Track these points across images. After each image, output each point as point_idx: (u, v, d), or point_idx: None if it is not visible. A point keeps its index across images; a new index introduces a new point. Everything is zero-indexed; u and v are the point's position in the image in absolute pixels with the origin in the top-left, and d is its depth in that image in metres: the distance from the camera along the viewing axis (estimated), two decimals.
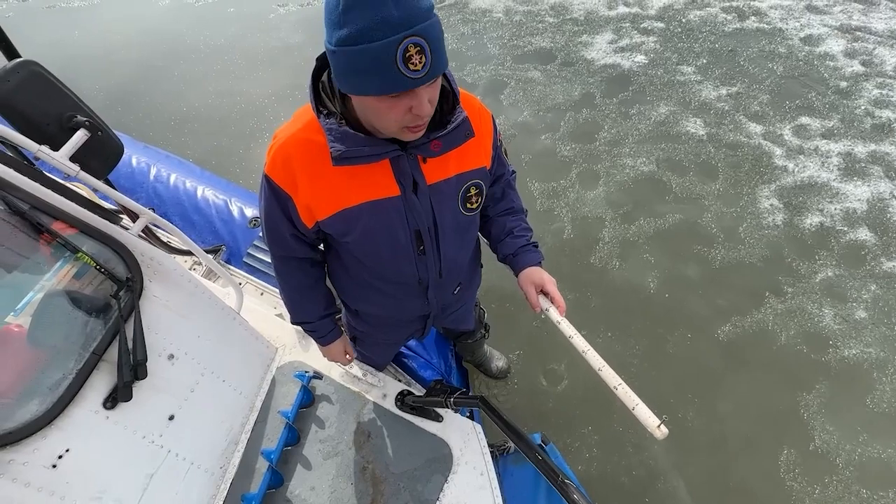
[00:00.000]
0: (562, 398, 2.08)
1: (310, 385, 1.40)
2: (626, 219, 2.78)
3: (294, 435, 1.31)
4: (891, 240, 2.63)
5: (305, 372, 1.41)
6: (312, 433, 1.33)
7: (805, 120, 3.37)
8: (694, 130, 3.33)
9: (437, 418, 1.33)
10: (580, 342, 0.95)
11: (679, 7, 4.62)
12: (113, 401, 0.94)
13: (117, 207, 1.40)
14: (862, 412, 2.02)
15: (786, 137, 3.25)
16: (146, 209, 1.14)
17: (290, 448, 1.31)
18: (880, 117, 3.36)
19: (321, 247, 1.08)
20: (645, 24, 4.41)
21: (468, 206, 0.97)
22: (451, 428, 1.32)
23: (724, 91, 3.64)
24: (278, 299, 1.66)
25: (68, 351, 0.90)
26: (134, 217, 1.17)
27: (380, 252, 0.95)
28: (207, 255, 1.39)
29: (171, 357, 1.07)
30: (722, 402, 2.05)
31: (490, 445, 1.34)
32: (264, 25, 4.73)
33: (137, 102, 3.85)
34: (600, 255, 2.61)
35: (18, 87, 0.88)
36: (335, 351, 1.23)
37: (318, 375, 1.43)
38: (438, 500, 1.21)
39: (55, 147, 0.91)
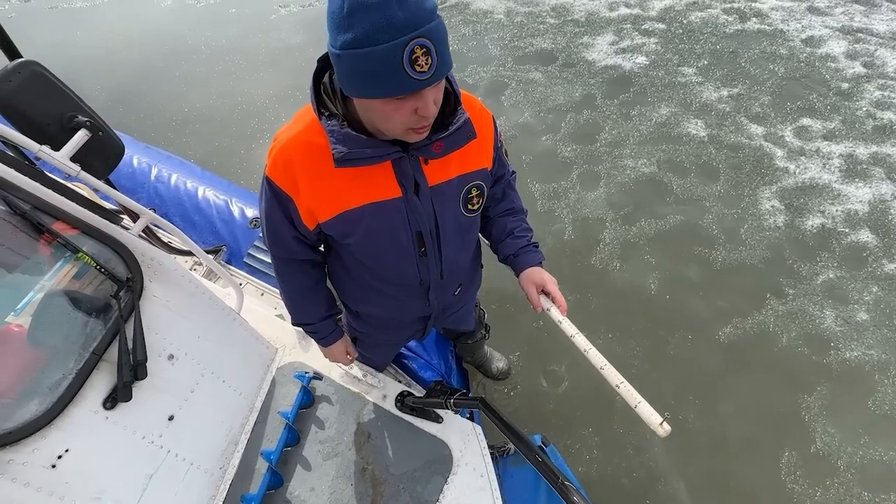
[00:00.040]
0: (562, 399, 2.07)
1: (310, 386, 1.40)
2: (626, 220, 2.78)
3: (294, 436, 1.31)
4: (892, 241, 2.62)
5: (305, 373, 1.41)
6: (312, 434, 1.33)
7: (806, 121, 3.37)
8: (695, 132, 3.33)
9: (437, 419, 1.33)
10: (582, 341, 0.95)
11: (680, 8, 4.63)
12: (113, 401, 0.94)
13: (118, 207, 1.40)
14: (863, 414, 2.01)
15: (787, 139, 3.24)
16: (147, 209, 1.14)
17: (290, 449, 1.31)
18: (882, 119, 3.35)
19: (322, 248, 1.08)
20: (646, 25, 4.41)
21: (469, 207, 0.97)
22: (451, 429, 1.32)
23: (725, 92, 3.63)
24: (279, 300, 1.66)
25: (68, 351, 0.90)
26: (134, 217, 1.17)
27: (381, 254, 0.95)
28: (208, 256, 1.39)
29: (171, 357, 1.07)
30: (723, 404, 2.05)
31: (490, 447, 1.34)
32: (266, 26, 4.75)
33: (139, 103, 3.86)
34: (601, 257, 2.61)
35: (20, 88, 0.89)
36: (336, 351, 1.23)
37: (318, 376, 1.43)
38: (438, 501, 1.20)
39: (56, 147, 0.91)
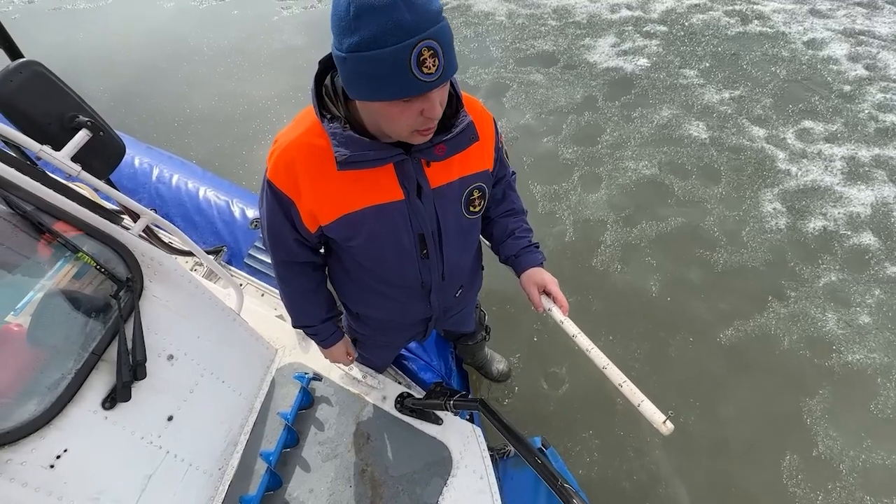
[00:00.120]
0: (563, 402, 2.07)
1: (309, 387, 1.39)
2: (627, 222, 2.77)
3: (293, 437, 1.31)
4: (895, 244, 2.61)
5: (305, 373, 1.41)
6: (311, 435, 1.33)
7: (808, 124, 3.36)
8: (696, 134, 3.32)
9: (437, 421, 1.33)
10: (584, 341, 0.95)
11: (682, 11, 4.63)
12: (112, 401, 0.94)
13: (119, 208, 1.40)
14: (866, 418, 2.00)
15: (789, 141, 3.24)
16: (147, 209, 1.14)
17: (289, 450, 1.31)
18: (884, 121, 3.34)
19: (322, 250, 1.08)
20: (647, 27, 4.41)
21: (471, 209, 0.97)
22: (451, 431, 1.31)
23: (726, 94, 3.63)
24: (279, 300, 1.66)
25: (68, 351, 0.90)
26: (135, 217, 1.18)
27: (384, 256, 0.95)
28: (208, 256, 1.39)
29: (171, 357, 1.07)
30: (724, 407, 2.04)
31: (490, 449, 1.33)
32: (268, 28, 4.76)
33: (141, 104, 3.87)
34: (602, 259, 2.60)
35: (21, 88, 0.89)
36: (337, 353, 1.23)
37: (317, 377, 1.43)
38: (437, 503, 1.20)
39: (57, 147, 0.92)
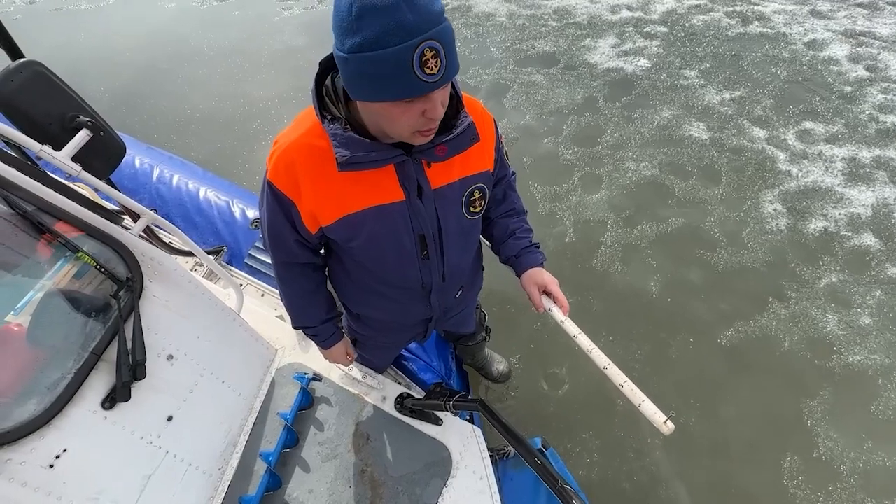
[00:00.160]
0: (563, 402, 2.07)
1: (309, 387, 1.39)
2: (628, 223, 2.77)
3: (293, 437, 1.31)
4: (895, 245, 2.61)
5: (305, 374, 1.41)
6: (311, 435, 1.33)
7: (809, 125, 3.36)
8: (697, 134, 3.32)
9: (437, 422, 1.32)
10: (584, 341, 0.95)
11: (682, 12, 4.63)
12: (111, 401, 0.94)
13: (119, 208, 1.41)
14: (867, 419, 2.00)
15: (789, 142, 3.24)
16: (147, 209, 1.14)
17: (289, 450, 1.30)
18: (885, 122, 3.34)
19: (322, 251, 1.08)
20: (648, 28, 4.41)
21: (472, 209, 0.97)
22: (451, 431, 1.31)
23: (727, 95, 3.63)
24: (279, 301, 1.66)
25: (67, 350, 0.90)
26: (135, 217, 1.18)
27: (384, 257, 0.95)
28: (208, 257, 1.39)
29: (171, 357, 1.07)
30: (724, 408, 2.04)
31: (490, 449, 1.33)
32: (268, 29, 4.76)
33: (142, 104, 3.88)
34: (602, 259, 2.60)
35: (22, 88, 0.89)
36: (336, 353, 1.23)
37: (317, 377, 1.43)
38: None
39: (57, 147, 0.92)
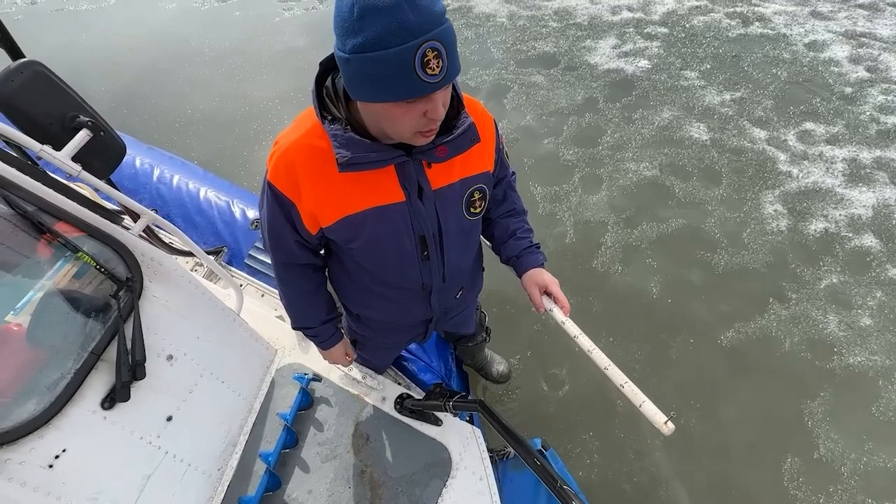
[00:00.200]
0: (563, 403, 2.06)
1: (309, 387, 1.39)
2: (628, 223, 2.77)
3: (292, 437, 1.31)
4: None
5: (305, 374, 1.41)
6: (311, 436, 1.33)
7: (809, 125, 3.36)
8: (697, 135, 3.32)
9: (437, 422, 1.32)
10: (585, 342, 0.96)
11: (683, 13, 4.63)
12: (111, 401, 0.93)
13: (119, 208, 1.41)
14: (867, 420, 2.00)
15: (790, 143, 3.23)
16: (147, 209, 1.14)
17: (288, 451, 1.30)
18: (886, 123, 3.34)
19: (323, 252, 1.08)
20: (648, 29, 4.41)
21: (472, 210, 0.97)
22: (451, 432, 1.31)
23: (727, 96, 3.63)
24: (279, 301, 1.66)
25: (67, 350, 0.90)
26: (135, 217, 1.18)
27: (384, 258, 0.95)
28: (209, 257, 1.39)
29: (170, 358, 1.07)
30: (725, 409, 2.03)
31: (490, 450, 1.33)
32: (269, 29, 4.77)
33: (143, 104, 3.88)
34: (602, 260, 2.60)
35: (22, 88, 0.89)
36: (336, 354, 1.23)
37: (317, 378, 1.43)
38: None
39: (58, 147, 0.91)
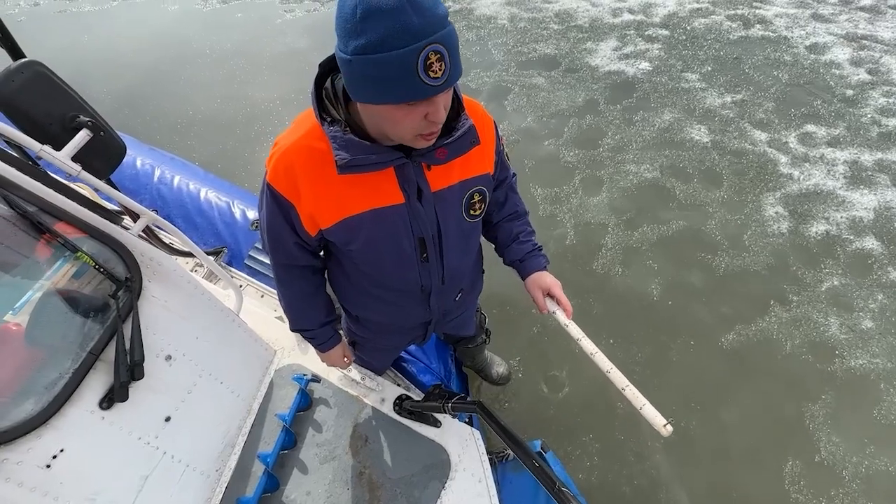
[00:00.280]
0: (562, 405, 2.06)
1: (308, 388, 1.39)
2: (629, 225, 2.77)
3: (291, 438, 1.30)
4: None
5: (304, 375, 1.40)
6: (309, 437, 1.32)
7: (810, 128, 3.35)
8: (698, 137, 3.32)
9: (436, 424, 1.32)
10: (588, 344, 0.96)
11: (684, 15, 4.64)
12: (109, 401, 0.93)
13: (119, 208, 1.41)
14: (869, 423, 1.99)
15: (791, 145, 3.23)
16: (147, 210, 1.14)
17: (287, 452, 1.30)
18: (887, 126, 3.34)
19: (322, 254, 1.07)
20: (649, 31, 4.42)
21: (472, 212, 0.97)
22: (450, 434, 1.30)
23: (728, 98, 3.63)
24: (278, 302, 1.65)
25: (65, 350, 0.90)
26: (135, 217, 1.18)
27: (383, 260, 0.94)
28: (208, 257, 1.39)
29: (169, 358, 1.07)
30: (725, 412, 2.03)
31: (489, 452, 1.33)
32: (271, 31, 4.78)
33: (145, 106, 3.89)
34: (603, 262, 2.60)
35: (23, 88, 0.89)
36: (334, 356, 1.22)
37: (316, 379, 1.42)
38: None
39: (58, 147, 0.92)
